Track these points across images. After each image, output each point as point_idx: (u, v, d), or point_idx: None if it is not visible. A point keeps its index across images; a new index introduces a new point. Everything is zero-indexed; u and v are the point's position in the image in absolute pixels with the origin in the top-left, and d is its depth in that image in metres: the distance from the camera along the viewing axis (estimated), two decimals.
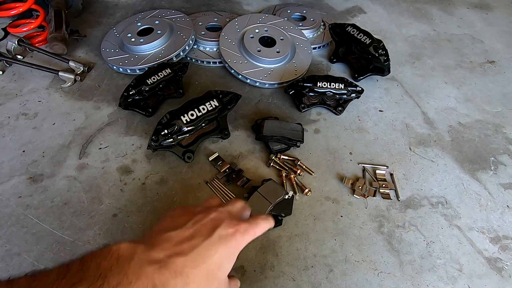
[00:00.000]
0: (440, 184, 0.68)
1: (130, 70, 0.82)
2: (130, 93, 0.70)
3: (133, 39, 0.84)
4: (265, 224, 0.39)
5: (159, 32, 0.85)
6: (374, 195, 0.64)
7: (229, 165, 0.66)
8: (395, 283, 0.54)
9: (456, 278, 0.55)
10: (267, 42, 0.89)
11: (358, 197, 0.64)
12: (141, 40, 0.84)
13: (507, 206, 0.65)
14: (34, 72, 0.82)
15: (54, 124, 0.72)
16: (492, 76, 0.95)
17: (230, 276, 0.37)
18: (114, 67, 0.83)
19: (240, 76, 0.83)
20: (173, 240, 0.29)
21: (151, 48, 0.84)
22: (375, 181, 0.66)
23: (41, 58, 0.86)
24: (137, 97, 0.71)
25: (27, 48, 0.85)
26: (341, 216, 0.61)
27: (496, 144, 0.77)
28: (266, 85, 0.83)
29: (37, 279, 0.24)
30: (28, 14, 0.92)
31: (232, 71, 0.84)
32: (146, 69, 0.78)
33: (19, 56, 0.85)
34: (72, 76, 0.80)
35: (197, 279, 0.28)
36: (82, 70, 0.83)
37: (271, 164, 0.67)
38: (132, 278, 0.24)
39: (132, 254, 0.26)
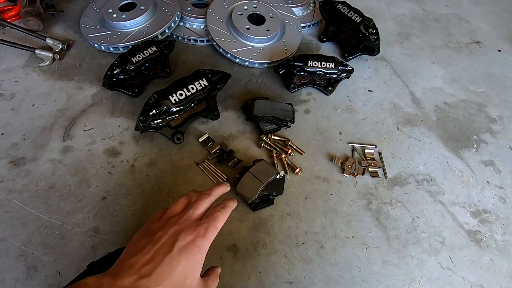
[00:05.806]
0: (425, 162, 0.70)
1: (112, 48, 0.78)
2: (115, 72, 0.67)
3: (114, 15, 0.80)
4: (224, 213, 0.39)
5: (142, 7, 0.81)
6: (363, 174, 0.66)
7: (219, 146, 0.65)
8: (382, 256, 0.57)
9: (438, 250, 0.58)
10: (256, 20, 0.86)
11: (348, 175, 0.65)
12: (124, 16, 0.79)
13: (487, 182, 0.68)
14: (8, 50, 0.77)
15: (33, 105, 0.69)
16: (477, 56, 0.96)
17: (207, 273, 0.39)
18: (96, 44, 0.79)
19: (228, 55, 0.81)
20: (136, 266, 0.31)
21: (134, 24, 0.80)
22: (364, 160, 0.68)
23: (15, 34, 0.80)
24: (122, 76, 0.68)
25: None
26: (331, 195, 0.63)
27: (479, 123, 0.79)
28: (256, 65, 0.81)
29: None
30: None
31: (221, 50, 0.81)
32: (130, 47, 0.74)
33: None
34: (50, 54, 0.75)
35: None
36: (61, 48, 0.78)
37: (262, 144, 0.67)
38: None
39: (99, 287, 0.28)
